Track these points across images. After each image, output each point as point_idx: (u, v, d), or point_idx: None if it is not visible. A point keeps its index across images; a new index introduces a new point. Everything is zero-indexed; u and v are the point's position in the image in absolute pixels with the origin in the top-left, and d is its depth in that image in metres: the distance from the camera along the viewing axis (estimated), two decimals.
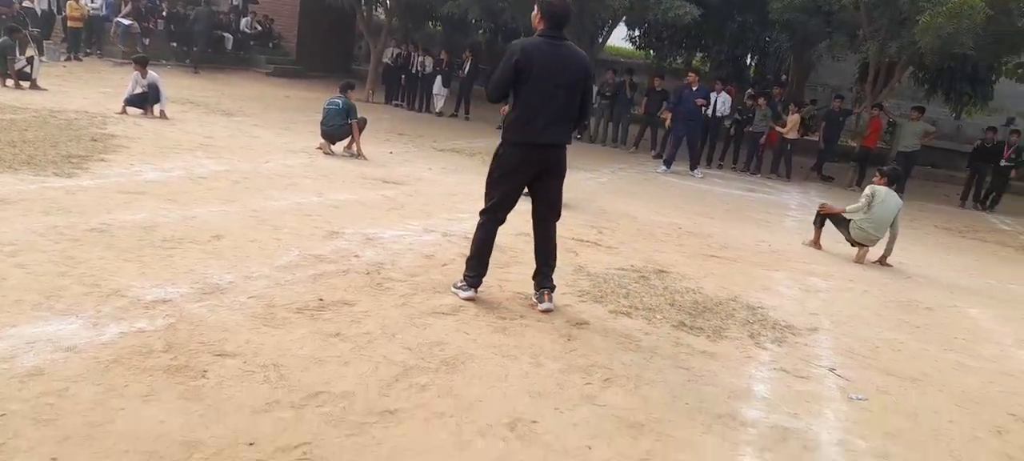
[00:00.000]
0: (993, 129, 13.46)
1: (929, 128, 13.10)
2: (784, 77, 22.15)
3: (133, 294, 3.72)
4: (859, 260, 6.94)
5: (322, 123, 9.37)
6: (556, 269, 4.47)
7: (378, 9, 19.17)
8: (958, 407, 3.79)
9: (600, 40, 16.90)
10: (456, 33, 25.81)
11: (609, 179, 10.61)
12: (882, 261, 6.94)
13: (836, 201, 8.70)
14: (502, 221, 4.34)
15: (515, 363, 3.52)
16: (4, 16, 15.31)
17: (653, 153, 14.23)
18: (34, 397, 2.62)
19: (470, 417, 2.94)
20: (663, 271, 5.61)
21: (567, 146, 4.30)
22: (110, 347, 3.10)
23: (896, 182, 7.11)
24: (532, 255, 5.45)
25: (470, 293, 4.32)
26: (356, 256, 4.96)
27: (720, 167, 13.94)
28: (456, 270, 4.93)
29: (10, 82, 11.35)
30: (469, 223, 6.34)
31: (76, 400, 2.64)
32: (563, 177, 4.36)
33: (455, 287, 4.40)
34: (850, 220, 6.96)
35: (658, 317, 4.49)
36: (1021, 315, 6.00)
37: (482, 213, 4.35)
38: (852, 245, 7.04)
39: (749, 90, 15.00)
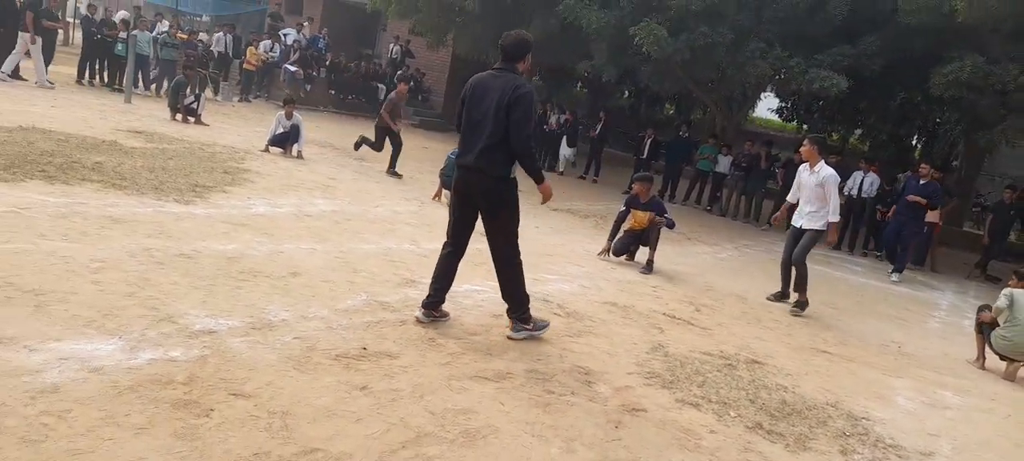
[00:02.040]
0: None
1: None
2: (954, 163, 20.12)
3: (185, 322, 3.78)
4: (1009, 377, 5.91)
5: (442, 171, 9.50)
6: (626, 348, 4.09)
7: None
8: None
9: (745, 109, 16.20)
10: (599, 96, 25.86)
11: (729, 256, 9.93)
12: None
13: None
14: (453, 249, 4.53)
15: (544, 446, 3.18)
16: (190, 57, 17.06)
17: None
18: (35, 415, 2.65)
19: None
20: (756, 362, 5.02)
21: (507, 179, 4.29)
22: (133, 373, 3.11)
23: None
24: (611, 329, 5.13)
25: (418, 314, 4.49)
26: None
27: (864, 255, 12.72)
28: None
29: (178, 116, 12.55)
30: (553, 286, 6.12)
31: (71, 423, 2.64)
32: (498, 215, 4.35)
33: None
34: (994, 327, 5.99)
35: (732, 414, 3.97)
36: None
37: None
38: (1000, 359, 6.02)
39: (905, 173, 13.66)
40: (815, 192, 7.00)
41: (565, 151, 16.53)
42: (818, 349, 5.76)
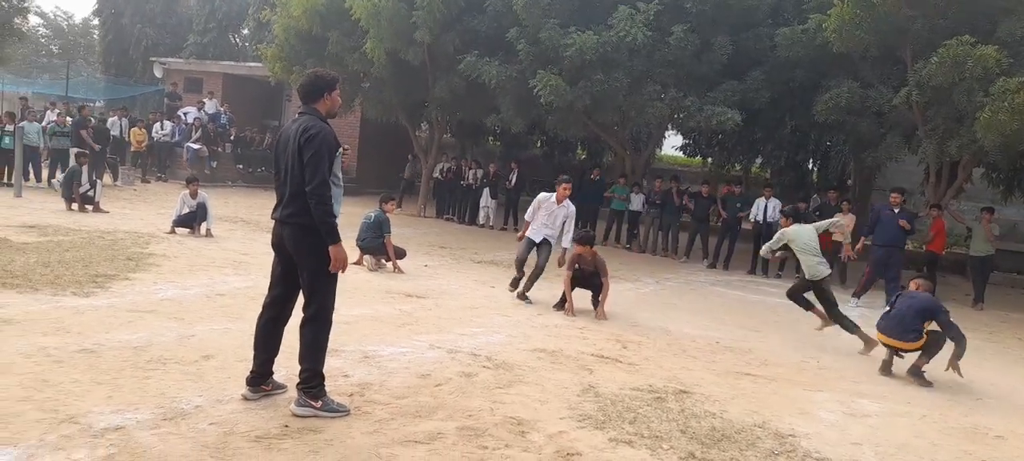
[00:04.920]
0: None
1: (994, 229, 12.19)
2: (849, 181, 21.37)
3: (88, 421, 3.53)
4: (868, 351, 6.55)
5: (357, 237, 9.38)
6: (557, 393, 4.07)
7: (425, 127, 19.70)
8: None
9: (651, 148, 16.76)
10: (513, 147, 26.21)
11: (652, 290, 10.14)
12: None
13: None
14: (274, 314, 4.19)
15: None
16: (83, 136, 16.12)
17: (706, 262, 13.67)
18: None
19: None
20: (684, 392, 5.10)
21: (315, 227, 3.87)
22: None
23: (798, 219, 7.92)
24: (541, 375, 5.10)
25: (245, 392, 4.13)
26: (345, 376, 4.69)
27: (779, 276, 13.23)
28: (450, 390, 4.60)
29: (75, 205, 11.93)
30: (481, 339, 6.07)
31: None
32: (305, 265, 3.95)
33: None
34: (802, 272, 7.59)
35: (665, 447, 3.99)
36: None
37: None
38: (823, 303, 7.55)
39: (813, 196, 14.45)
40: None
41: (487, 202, 16.64)
42: (742, 372, 5.91)
